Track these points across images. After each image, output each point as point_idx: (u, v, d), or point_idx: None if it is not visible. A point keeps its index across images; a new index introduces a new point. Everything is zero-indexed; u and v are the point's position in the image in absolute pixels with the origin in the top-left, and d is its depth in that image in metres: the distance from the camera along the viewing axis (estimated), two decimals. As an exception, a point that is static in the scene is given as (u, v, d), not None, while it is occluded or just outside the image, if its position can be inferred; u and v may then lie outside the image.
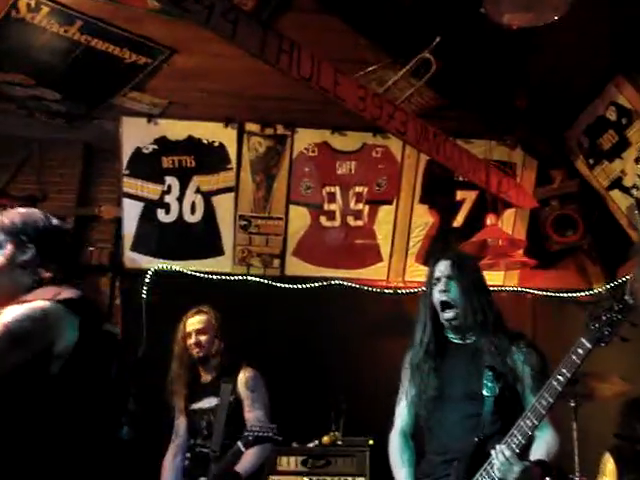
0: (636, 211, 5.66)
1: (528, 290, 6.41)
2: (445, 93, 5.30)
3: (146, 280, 5.99)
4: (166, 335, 4.76)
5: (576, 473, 4.55)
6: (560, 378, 2.66)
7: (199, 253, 6.21)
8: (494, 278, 6.13)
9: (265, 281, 6.16)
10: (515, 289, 6.39)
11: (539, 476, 2.83)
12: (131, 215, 6.09)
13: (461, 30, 4.57)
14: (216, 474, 4.02)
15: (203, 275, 6.09)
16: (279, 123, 6.05)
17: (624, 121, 5.44)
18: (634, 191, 5.61)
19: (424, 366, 3.16)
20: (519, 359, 3.07)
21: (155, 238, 6.14)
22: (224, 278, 6.11)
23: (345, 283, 6.24)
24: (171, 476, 4.45)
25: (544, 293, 6.40)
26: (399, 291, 6.29)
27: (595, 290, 6.27)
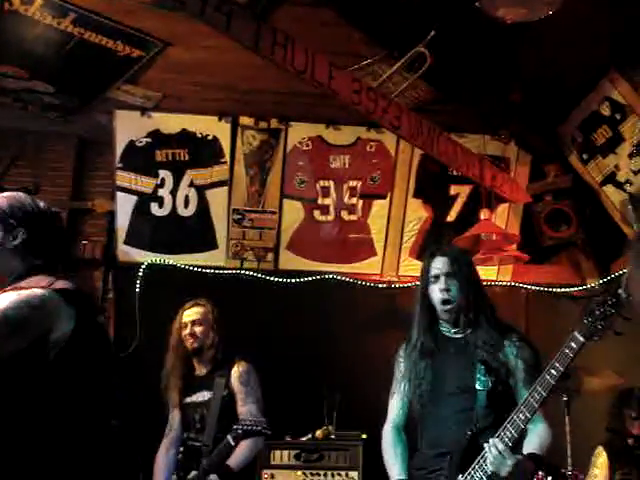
0: (629, 206, 5.68)
1: (521, 285, 6.42)
2: (439, 87, 5.29)
3: (139, 274, 5.98)
4: (159, 329, 4.76)
5: (568, 467, 4.56)
6: (553, 372, 2.67)
7: (193, 247, 6.18)
8: (488, 273, 6.14)
9: (259, 275, 6.15)
10: (508, 284, 6.39)
11: (531, 469, 2.84)
12: (124, 209, 6.06)
13: (456, 24, 4.56)
14: (206, 468, 4.02)
15: (196, 269, 6.08)
16: (273, 117, 6.03)
17: (618, 116, 5.44)
18: (627, 186, 5.62)
19: (417, 360, 3.17)
20: (512, 353, 3.08)
21: (148, 232, 6.12)
22: (217, 272, 6.10)
23: (339, 277, 6.23)
24: (164, 469, 4.45)
25: (537, 288, 6.41)
26: (393, 285, 6.29)
27: (588, 285, 6.28)
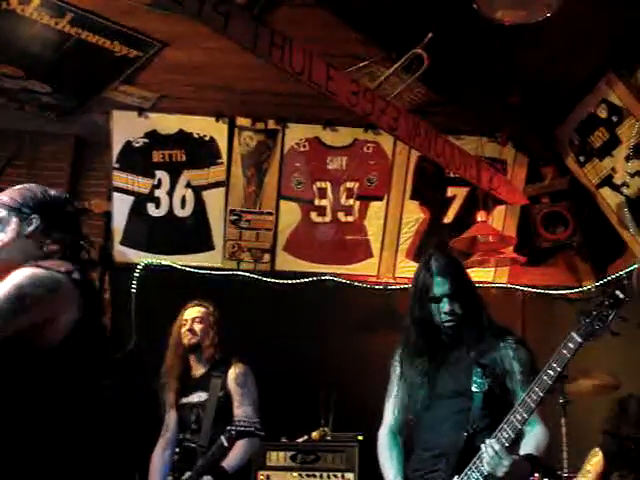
0: (626, 209, 5.68)
1: (518, 287, 6.43)
2: (437, 89, 5.29)
3: (136, 274, 5.97)
4: (155, 329, 4.75)
5: (564, 469, 4.57)
6: (551, 372, 2.67)
7: (189, 248, 6.19)
8: (484, 275, 6.15)
9: (255, 276, 6.15)
10: (505, 286, 6.40)
11: (527, 470, 2.84)
12: (121, 209, 6.06)
13: (453, 26, 4.57)
14: (200, 469, 4.00)
15: (193, 270, 6.07)
16: (270, 118, 6.03)
17: (615, 119, 5.45)
18: (624, 189, 5.63)
19: (413, 363, 3.16)
20: (508, 355, 3.07)
21: (145, 232, 6.12)
22: (214, 273, 6.10)
23: (335, 279, 6.24)
24: (159, 470, 4.43)
25: (534, 290, 6.42)
26: (389, 287, 6.29)
27: (585, 287, 6.29)
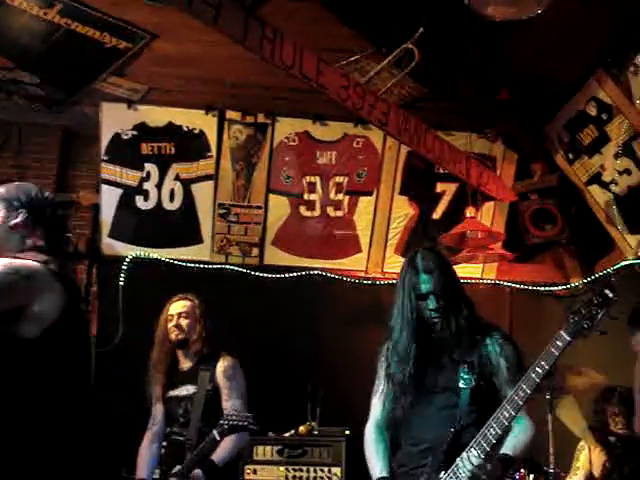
0: (614, 206, 5.70)
1: (506, 283, 6.45)
2: (427, 84, 5.29)
3: (124, 267, 5.95)
4: (142, 323, 4.73)
5: (551, 465, 4.59)
6: (539, 370, 2.67)
7: (177, 241, 6.17)
8: (473, 270, 6.17)
9: (244, 270, 6.14)
10: (493, 282, 6.42)
11: (500, 471, 2.84)
12: (109, 201, 6.03)
13: (444, 22, 4.56)
14: (190, 462, 4.01)
15: (181, 263, 6.05)
16: (260, 111, 6.01)
17: (604, 116, 5.46)
18: (613, 186, 5.65)
19: (400, 359, 3.16)
20: (495, 351, 3.07)
21: (133, 225, 6.10)
22: (202, 266, 6.08)
23: (324, 273, 6.24)
24: (146, 463, 4.42)
25: (522, 286, 6.45)
26: (377, 282, 6.29)
27: (572, 284, 6.32)
